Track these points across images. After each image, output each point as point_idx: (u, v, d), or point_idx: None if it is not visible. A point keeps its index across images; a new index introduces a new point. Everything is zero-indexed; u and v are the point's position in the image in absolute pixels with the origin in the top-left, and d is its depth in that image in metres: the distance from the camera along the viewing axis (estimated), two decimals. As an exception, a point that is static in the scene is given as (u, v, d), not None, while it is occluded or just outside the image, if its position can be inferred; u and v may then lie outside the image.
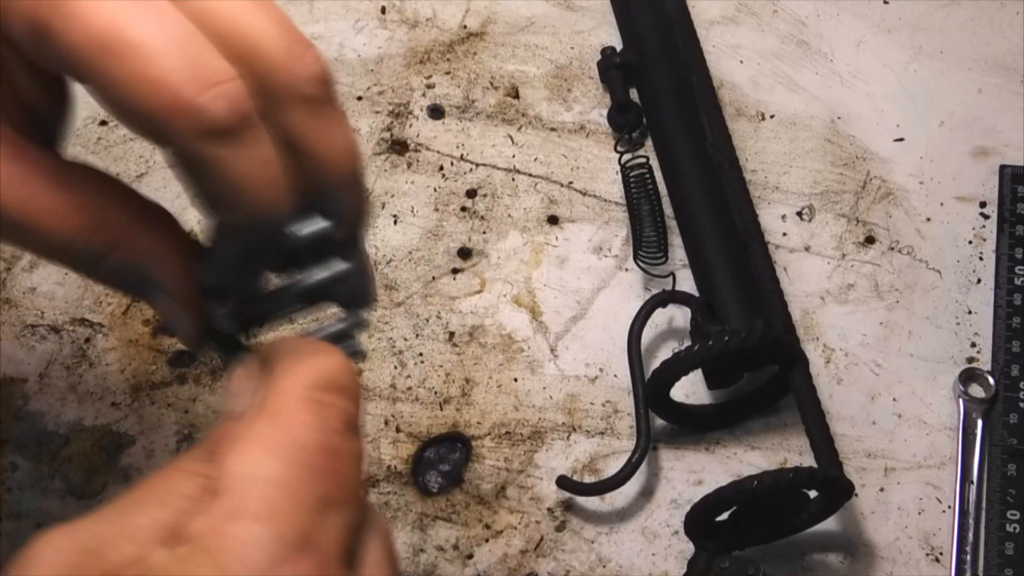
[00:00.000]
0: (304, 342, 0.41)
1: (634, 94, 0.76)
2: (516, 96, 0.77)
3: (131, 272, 0.40)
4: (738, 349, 0.62)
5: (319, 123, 0.39)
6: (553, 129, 0.76)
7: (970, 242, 0.73)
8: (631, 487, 0.65)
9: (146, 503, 0.35)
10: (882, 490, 0.66)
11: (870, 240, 0.73)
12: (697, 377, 0.67)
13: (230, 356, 0.43)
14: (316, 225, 0.41)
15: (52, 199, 0.38)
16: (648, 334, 0.68)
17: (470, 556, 0.64)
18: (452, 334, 0.70)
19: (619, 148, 0.74)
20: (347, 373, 0.39)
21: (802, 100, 0.77)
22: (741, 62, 0.79)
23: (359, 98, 0.77)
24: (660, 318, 0.69)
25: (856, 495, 0.64)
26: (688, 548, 0.63)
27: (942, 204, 0.74)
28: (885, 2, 0.81)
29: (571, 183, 0.75)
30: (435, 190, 0.74)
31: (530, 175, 0.75)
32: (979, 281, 0.72)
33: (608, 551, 0.65)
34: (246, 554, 0.33)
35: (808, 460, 0.64)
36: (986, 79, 0.78)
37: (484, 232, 0.73)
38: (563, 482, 0.65)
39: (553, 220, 0.73)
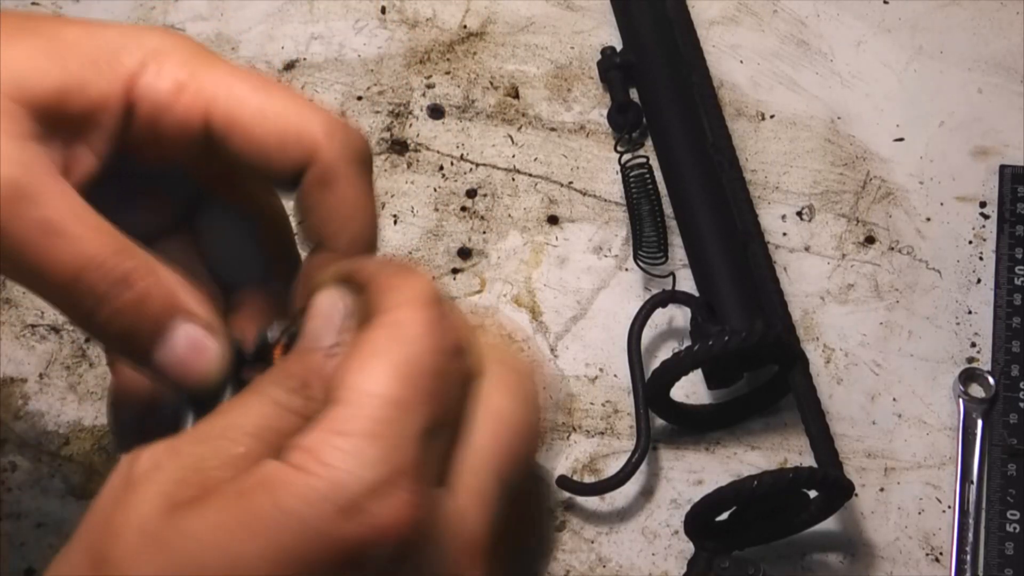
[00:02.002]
0: (400, 262, 0.41)
1: (634, 94, 0.76)
2: (516, 96, 0.77)
3: (153, 303, 0.41)
4: (738, 349, 0.62)
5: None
6: (553, 129, 0.76)
7: (970, 242, 0.73)
8: (631, 487, 0.65)
9: (246, 434, 0.36)
10: (882, 490, 0.66)
11: (870, 240, 0.73)
12: (697, 377, 0.67)
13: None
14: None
15: (79, 224, 0.40)
16: (648, 334, 0.68)
17: (470, 556, 0.64)
18: (452, 334, 0.70)
19: (619, 148, 0.74)
20: (442, 295, 0.39)
21: (802, 100, 0.77)
22: (741, 62, 0.79)
23: (359, 98, 0.77)
24: (660, 318, 0.69)
25: (856, 495, 0.64)
26: (688, 548, 0.63)
27: (942, 204, 0.74)
28: (885, 2, 0.81)
29: (571, 183, 0.75)
30: (435, 190, 0.74)
31: (530, 175, 0.75)
32: (979, 281, 0.72)
33: (608, 551, 0.65)
34: (353, 471, 0.33)
35: (808, 460, 0.64)
36: (986, 79, 0.78)
37: (484, 232, 0.73)
38: (563, 482, 0.65)
39: (553, 220, 0.73)
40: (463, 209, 0.74)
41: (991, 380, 0.68)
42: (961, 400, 0.68)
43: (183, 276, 0.41)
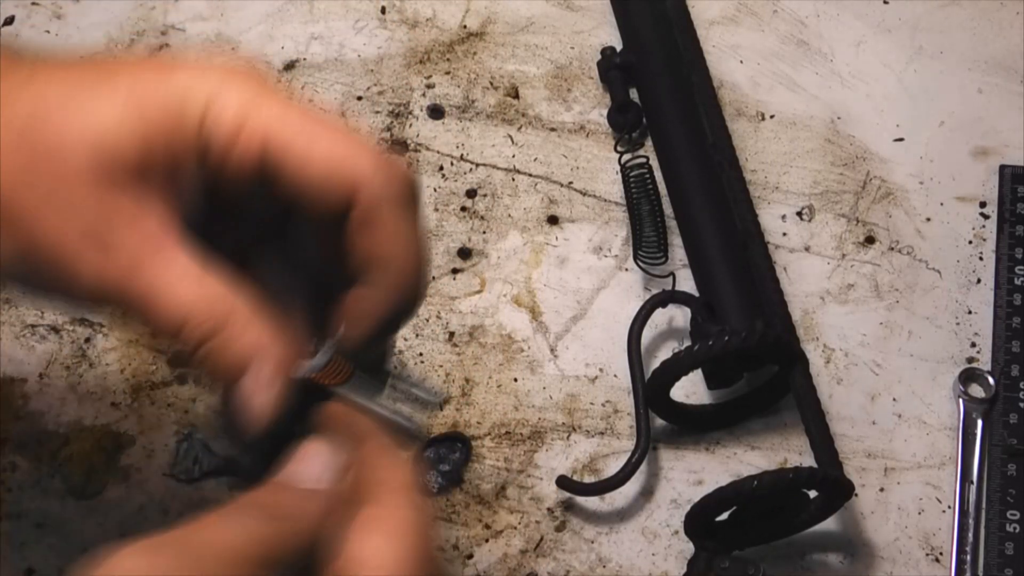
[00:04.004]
0: (384, 438, 0.44)
1: (634, 94, 0.76)
2: (516, 96, 0.77)
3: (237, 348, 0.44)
4: (738, 349, 0.62)
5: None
6: (553, 129, 0.76)
7: (970, 242, 0.73)
8: (631, 487, 0.65)
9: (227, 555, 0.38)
10: (882, 490, 0.66)
11: (870, 240, 0.73)
12: (697, 377, 0.67)
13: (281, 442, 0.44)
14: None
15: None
16: (648, 334, 0.68)
17: (470, 556, 0.64)
18: (452, 334, 0.70)
19: (619, 148, 0.74)
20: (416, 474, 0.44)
21: (802, 100, 0.77)
22: (741, 62, 0.79)
23: (359, 98, 0.77)
24: (660, 318, 0.69)
25: (856, 495, 0.64)
26: (688, 548, 0.63)
27: (942, 204, 0.74)
28: (885, 2, 0.81)
29: (571, 183, 0.75)
30: (435, 190, 0.74)
31: (530, 175, 0.75)
32: (979, 281, 0.72)
33: (608, 551, 0.65)
34: None
35: (808, 460, 0.64)
36: (986, 79, 0.78)
37: (484, 232, 0.73)
38: (563, 482, 0.65)
39: (553, 220, 0.73)
40: (463, 209, 0.74)
41: (991, 380, 0.68)
42: (961, 400, 0.68)
43: (265, 303, 0.44)
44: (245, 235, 0.48)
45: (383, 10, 0.80)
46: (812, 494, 0.62)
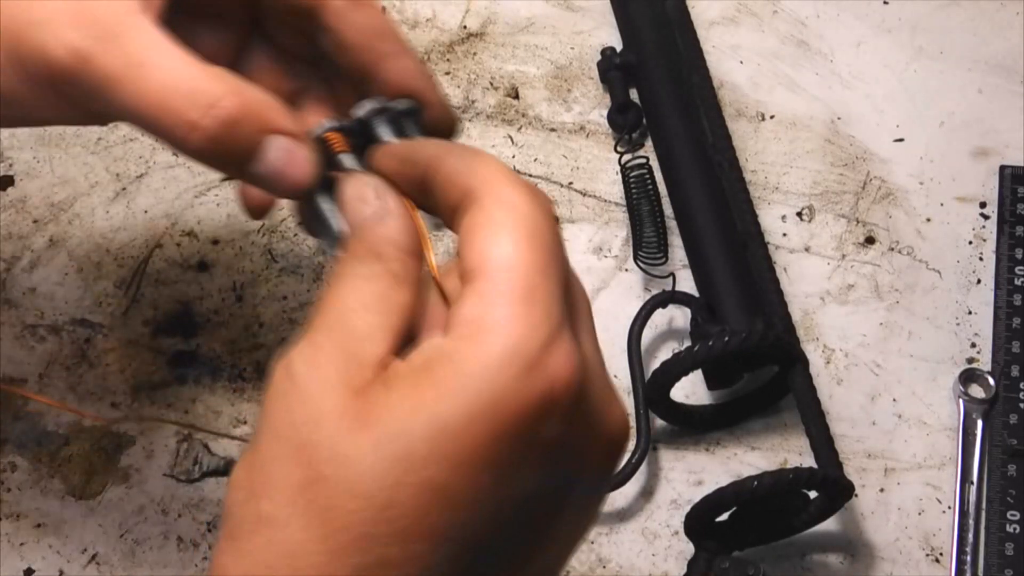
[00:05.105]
0: (456, 144, 0.44)
1: (634, 94, 0.76)
2: (516, 96, 0.77)
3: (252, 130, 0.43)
4: (738, 349, 0.62)
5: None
6: (553, 129, 0.76)
7: (970, 242, 0.73)
8: (631, 487, 0.65)
9: (360, 309, 0.39)
10: (882, 490, 0.66)
11: (870, 240, 0.73)
12: (697, 377, 0.67)
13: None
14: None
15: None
16: (648, 334, 0.68)
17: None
18: (452, 334, 0.70)
19: (619, 148, 0.74)
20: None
21: (802, 100, 0.77)
22: (741, 62, 0.79)
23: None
24: (660, 318, 0.69)
25: (856, 495, 0.64)
26: (688, 548, 0.63)
27: (942, 204, 0.74)
28: (885, 2, 0.81)
29: (571, 183, 0.75)
30: (435, 190, 0.74)
31: (530, 175, 0.75)
32: (979, 281, 0.72)
33: (608, 551, 0.65)
34: (526, 331, 0.36)
35: (808, 460, 0.64)
36: (986, 79, 0.78)
37: (484, 232, 0.73)
38: (563, 482, 0.65)
39: (553, 220, 0.73)
40: (463, 209, 0.74)
41: (991, 380, 0.68)
42: (961, 400, 0.68)
43: (265, 90, 0.44)
44: (230, 38, 0.48)
45: (383, 10, 0.80)
46: (812, 494, 0.62)
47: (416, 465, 0.35)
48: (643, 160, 0.72)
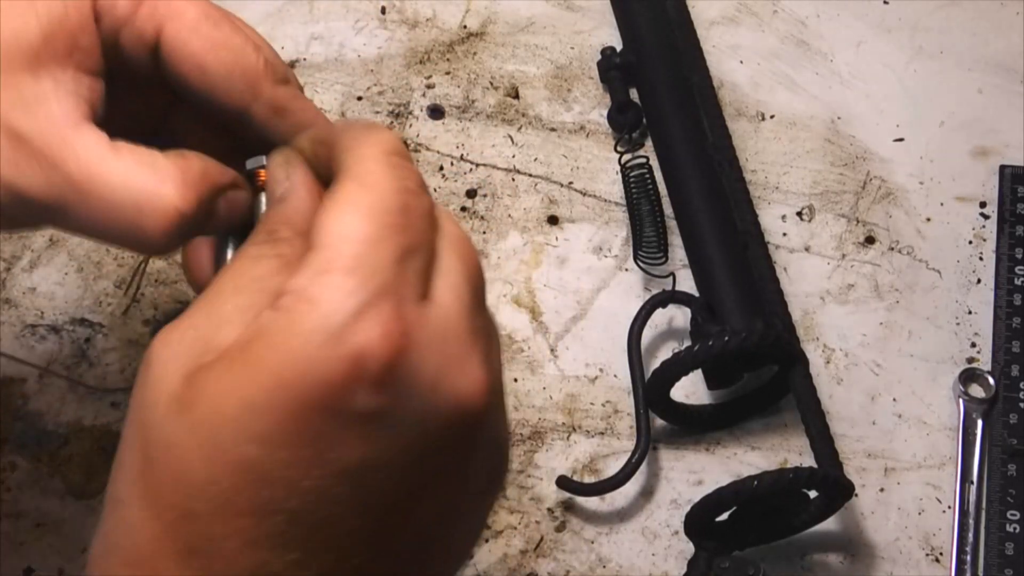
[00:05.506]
0: (363, 122, 0.45)
1: (634, 94, 0.76)
2: (516, 96, 0.77)
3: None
4: (738, 349, 0.62)
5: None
6: (553, 129, 0.76)
7: (970, 242, 0.73)
8: (631, 487, 0.65)
9: (231, 291, 0.40)
10: (882, 490, 0.66)
11: (870, 240, 0.73)
12: (697, 377, 0.67)
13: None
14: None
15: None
16: (648, 334, 0.68)
17: (470, 556, 0.64)
18: (452, 334, 0.70)
19: (619, 148, 0.74)
20: (403, 144, 0.43)
21: (802, 100, 0.77)
22: (741, 62, 0.79)
23: (359, 98, 0.77)
24: (660, 318, 0.69)
25: (856, 495, 0.64)
26: (688, 548, 0.63)
27: (942, 204, 0.74)
28: (885, 2, 0.81)
29: (571, 183, 0.75)
30: (435, 190, 0.74)
31: (530, 175, 0.75)
32: (979, 281, 0.72)
33: (608, 551, 0.65)
34: (337, 301, 0.36)
35: (808, 460, 0.64)
36: (986, 79, 0.78)
37: (484, 232, 0.73)
38: (563, 482, 0.65)
39: (553, 220, 0.73)
40: (463, 209, 0.74)
41: (991, 380, 0.68)
42: (961, 400, 0.68)
43: (201, 155, 0.44)
44: (145, 125, 0.48)
45: (383, 10, 0.80)
46: (812, 494, 0.62)
47: (227, 444, 0.36)
48: (643, 160, 0.72)
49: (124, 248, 0.43)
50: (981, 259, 0.72)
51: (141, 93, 0.47)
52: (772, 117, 0.77)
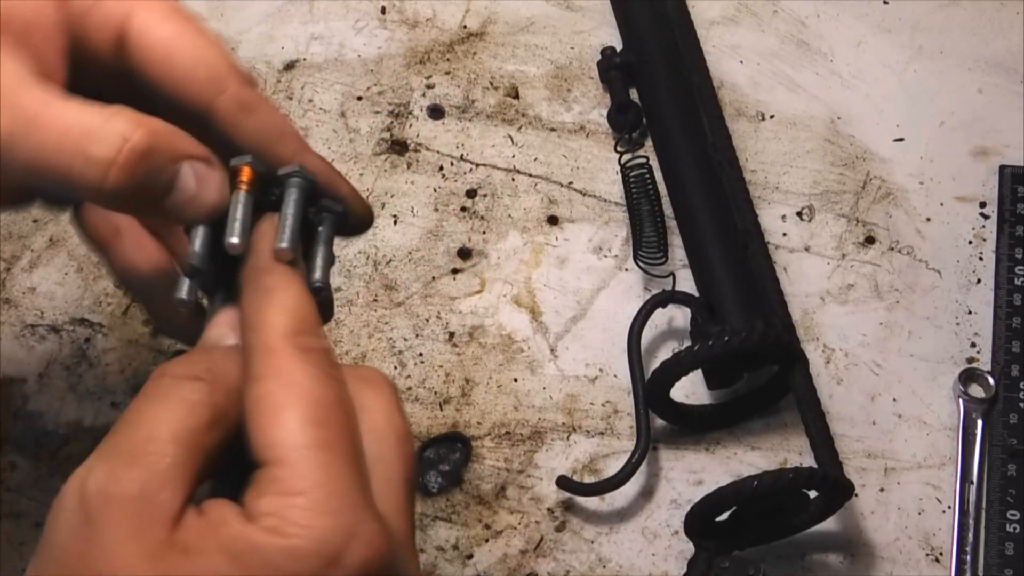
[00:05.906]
0: (263, 275, 0.43)
1: (634, 94, 0.76)
2: (516, 96, 0.77)
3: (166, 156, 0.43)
4: (738, 349, 0.62)
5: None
6: (553, 129, 0.76)
7: (970, 242, 0.73)
8: (631, 487, 0.65)
9: (156, 441, 0.39)
10: (882, 490, 0.66)
11: (870, 240, 0.73)
12: (697, 377, 0.67)
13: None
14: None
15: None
16: (648, 334, 0.68)
17: (470, 556, 0.64)
18: (452, 334, 0.70)
19: (619, 148, 0.74)
20: (308, 305, 0.42)
21: (802, 100, 0.77)
22: (741, 62, 0.79)
23: (359, 98, 0.77)
24: (660, 318, 0.69)
25: (856, 495, 0.64)
26: (688, 548, 0.63)
27: (942, 204, 0.74)
28: (885, 2, 0.81)
29: (571, 183, 0.75)
30: (435, 190, 0.74)
31: (530, 175, 0.75)
32: (979, 281, 0.72)
33: (608, 551, 0.65)
34: (327, 527, 0.37)
35: (808, 460, 0.64)
36: (986, 79, 0.78)
37: (484, 232, 0.73)
38: (563, 482, 0.65)
39: (553, 220, 0.73)
40: (463, 209, 0.74)
41: (991, 380, 0.68)
42: (961, 400, 0.68)
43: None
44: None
45: (383, 10, 0.80)
46: (812, 494, 0.62)
47: None
48: (643, 160, 0.72)
49: (73, 188, 0.41)
50: (981, 259, 0.72)
51: (105, 96, 0.46)
52: (772, 117, 0.77)
